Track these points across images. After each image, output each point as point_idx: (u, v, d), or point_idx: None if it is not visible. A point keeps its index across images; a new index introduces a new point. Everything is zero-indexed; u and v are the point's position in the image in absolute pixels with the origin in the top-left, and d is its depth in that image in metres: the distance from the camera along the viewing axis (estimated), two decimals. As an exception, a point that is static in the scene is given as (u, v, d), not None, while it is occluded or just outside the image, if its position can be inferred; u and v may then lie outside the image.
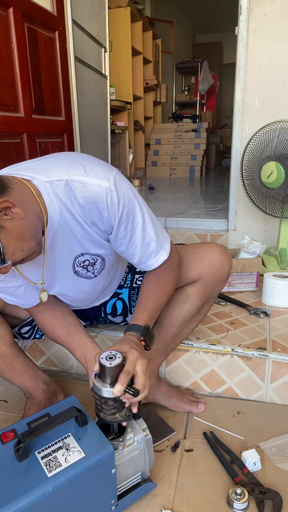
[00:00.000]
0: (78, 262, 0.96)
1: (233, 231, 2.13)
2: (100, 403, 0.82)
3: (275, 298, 1.53)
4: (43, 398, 1.14)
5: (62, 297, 1.09)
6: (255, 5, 1.78)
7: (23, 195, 0.79)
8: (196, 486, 0.95)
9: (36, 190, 0.82)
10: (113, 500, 0.84)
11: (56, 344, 1.41)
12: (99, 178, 0.83)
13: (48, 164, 0.87)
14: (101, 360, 0.79)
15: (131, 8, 4.08)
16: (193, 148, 4.87)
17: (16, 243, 0.76)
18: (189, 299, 1.11)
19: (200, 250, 1.12)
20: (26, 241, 0.78)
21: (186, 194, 3.44)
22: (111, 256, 1.00)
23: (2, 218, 0.74)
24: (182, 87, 7.42)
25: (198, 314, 1.16)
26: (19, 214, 0.75)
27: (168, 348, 1.16)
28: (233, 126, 1.97)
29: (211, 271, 1.10)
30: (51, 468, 0.74)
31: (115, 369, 0.79)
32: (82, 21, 2.42)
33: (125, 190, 0.87)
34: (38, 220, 0.82)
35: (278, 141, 1.64)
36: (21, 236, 0.77)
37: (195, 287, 1.11)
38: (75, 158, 0.88)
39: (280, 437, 1.10)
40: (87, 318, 1.27)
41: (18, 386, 1.13)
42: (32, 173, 0.84)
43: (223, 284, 1.14)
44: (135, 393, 0.79)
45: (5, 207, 0.74)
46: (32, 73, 1.74)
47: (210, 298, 1.14)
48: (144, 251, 0.94)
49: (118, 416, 0.83)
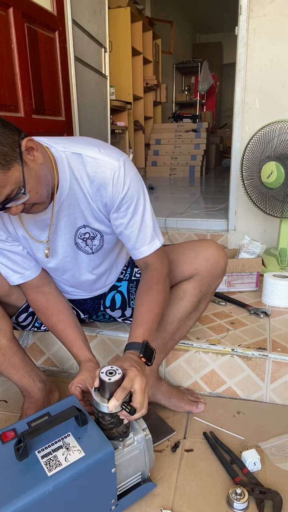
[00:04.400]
0: (79, 234, 1.02)
1: (233, 231, 2.13)
2: (98, 417, 0.83)
3: (275, 298, 1.53)
4: (40, 396, 1.14)
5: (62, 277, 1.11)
6: (255, 5, 1.78)
7: (42, 153, 0.85)
8: (196, 486, 0.95)
9: (53, 156, 0.89)
10: (113, 499, 0.84)
11: (56, 344, 1.41)
12: (111, 158, 0.92)
13: (66, 141, 0.95)
14: (101, 375, 0.80)
15: (131, 8, 4.08)
16: (193, 148, 4.87)
17: (33, 183, 0.82)
18: (186, 295, 1.12)
19: (196, 247, 1.14)
20: (41, 186, 0.84)
21: (186, 194, 3.44)
22: (110, 236, 1.05)
23: (27, 156, 0.80)
24: (182, 87, 7.41)
25: (196, 311, 1.16)
26: (40, 159, 0.82)
27: (167, 346, 1.16)
28: (233, 126, 1.97)
29: (206, 267, 1.11)
30: (51, 467, 0.74)
31: (114, 384, 0.80)
32: (82, 21, 2.42)
33: (132, 174, 0.94)
34: (51, 179, 0.89)
35: (278, 141, 1.64)
36: (38, 179, 0.83)
37: (192, 283, 1.12)
38: (91, 140, 0.97)
39: (280, 437, 1.10)
40: (86, 310, 1.28)
41: (15, 383, 1.13)
42: (51, 142, 0.92)
43: (219, 280, 1.16)
44: (131, 411, 0.79)
45: (30, 147, 0.80)
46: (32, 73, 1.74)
47: (206, 294, 1.15)
48: (141, 236, 0.99)
49: (115, 432, 0.83)
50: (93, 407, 0.84)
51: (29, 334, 1.43)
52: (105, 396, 0.81)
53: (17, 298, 1.16)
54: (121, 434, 0.84)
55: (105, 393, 0.81)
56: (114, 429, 0.83)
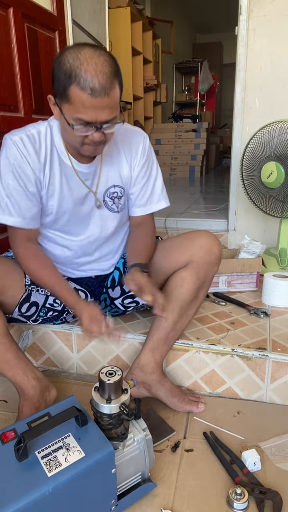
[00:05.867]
0: (108, 193, 1.17)
1: (233, 231, 2.13)
2: (96, 417, 0.84)
3: (275, 298, 1.53)
4: (34, 393, 1.13)
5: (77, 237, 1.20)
6: (255, 5, 1.78)
7: None
8: (196, 486, 0.95)
9: None
10: (113, 500, 0.84)
11: (56, 344, 1.41)
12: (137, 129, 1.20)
13: None
14: (101, 375, 0.81)
15: (131, 8, 4.08)
16: (193, 148, 4.86)
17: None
18: (184, 283, 1.16)
19: (190, 236, 1.22)
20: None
21: (186, 194, 3.44)
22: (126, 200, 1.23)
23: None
24: (182, 87, 7.41)
25: (196, 299, 1.19)
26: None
27: (169, 336, 1.18)
28: (233, 126, 1.97)
29: (200, 254, 1.16)
30: (51, 468, 0.74)
31: (113, 385, 0.80)
32: (82, 21, 2.41)
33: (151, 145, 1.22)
34: None
35: (278, 141, 1.64)
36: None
37: (188, 270, 1.16)
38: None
39: (280, 437, 1.10)
40: (93, 292, 1.31)
41: (10, 379, 1.13)
42: None
43: (215, 268, 1.20)
44: (129, 413, 0.80)
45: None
46: (32, 73, 1.74)
47: (204, 282, 1.19)
48: (152, 196, 1.23)
49: (114, 433, 0.83)
50: (92, 407, 0.84)
51: (29, 334, 1.43)
52: (104, 396, 0.82)
53: (13, 295, 1.16)
54: (120, 436, 0.84)
55: (105, 393, 0.81)
56: (113, 430, 0.83)
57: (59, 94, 0.92)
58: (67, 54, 0.89)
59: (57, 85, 0.92)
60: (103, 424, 0.83)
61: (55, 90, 0.93)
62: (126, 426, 0.85)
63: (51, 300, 1.23)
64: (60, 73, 0.89)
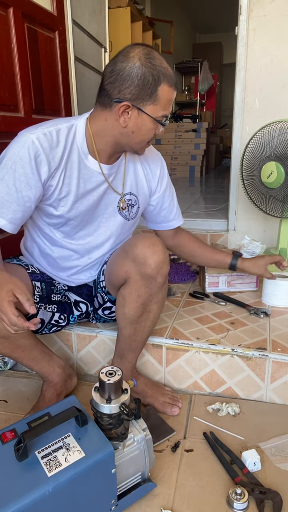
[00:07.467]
0: (125, 198, 1.17)
1: (233, 231, 2.13)
2: (96, 417, 0.84)
3: (275, 298, 1.53)
4: (59, 381, 1.20)
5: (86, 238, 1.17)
6: (255, 5, 1.78)
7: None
8: (196, 486, 0.95)
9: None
10: (113, 500, 0.84)
11: (57, 344, 1.42)
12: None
13: None
14: (100, 375, 0.81)
15: (131, 8, 4.07)
16: (193, 148, 4.86)
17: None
18: (126, 303, 1.08)
19: (127, 245, 1.08)
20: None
21: (186, 194, 3.44)
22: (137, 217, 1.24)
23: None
24: (182, 87, 7.40)
25: (145, 312, 1.10)
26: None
27: (132, 345, 1.17)
28: (233, 126, 1.97)
29: (134, 268, 1.03)
30: (51, 468, 0.74)
31: (113, 385, 0.80)
32: (82, 21, 2.41)
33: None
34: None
35: (278, 141, 1.64)
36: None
37: (127, 288, 1.07)
38: None
39: (280, 437, 1.10)
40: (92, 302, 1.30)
41: (36, 371, 1.19)
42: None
43: (156, 282, 1.03)
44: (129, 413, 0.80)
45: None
46: (32, 73, 1.74)
47: (150, 296, 1.06)
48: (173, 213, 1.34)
49: (114, 433, 0.83)
50: (92, 407, 0.84)
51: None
52: (104, 396, 0.82)
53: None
54: (120, 436, 0.84)
55: (105, 393, 0.81)
56: (113, 430, 0.83)
57: (143, 97, 0.95)
58: (142, 58, 0.93)
59: (141, 90, 0.94)
60: (103, 424, 0.83)
61: (136, 96, 0.95)
62: (126, 426, 0.85)
63: (57, 317, 1.22)
64: (147, 76, 0.93)
